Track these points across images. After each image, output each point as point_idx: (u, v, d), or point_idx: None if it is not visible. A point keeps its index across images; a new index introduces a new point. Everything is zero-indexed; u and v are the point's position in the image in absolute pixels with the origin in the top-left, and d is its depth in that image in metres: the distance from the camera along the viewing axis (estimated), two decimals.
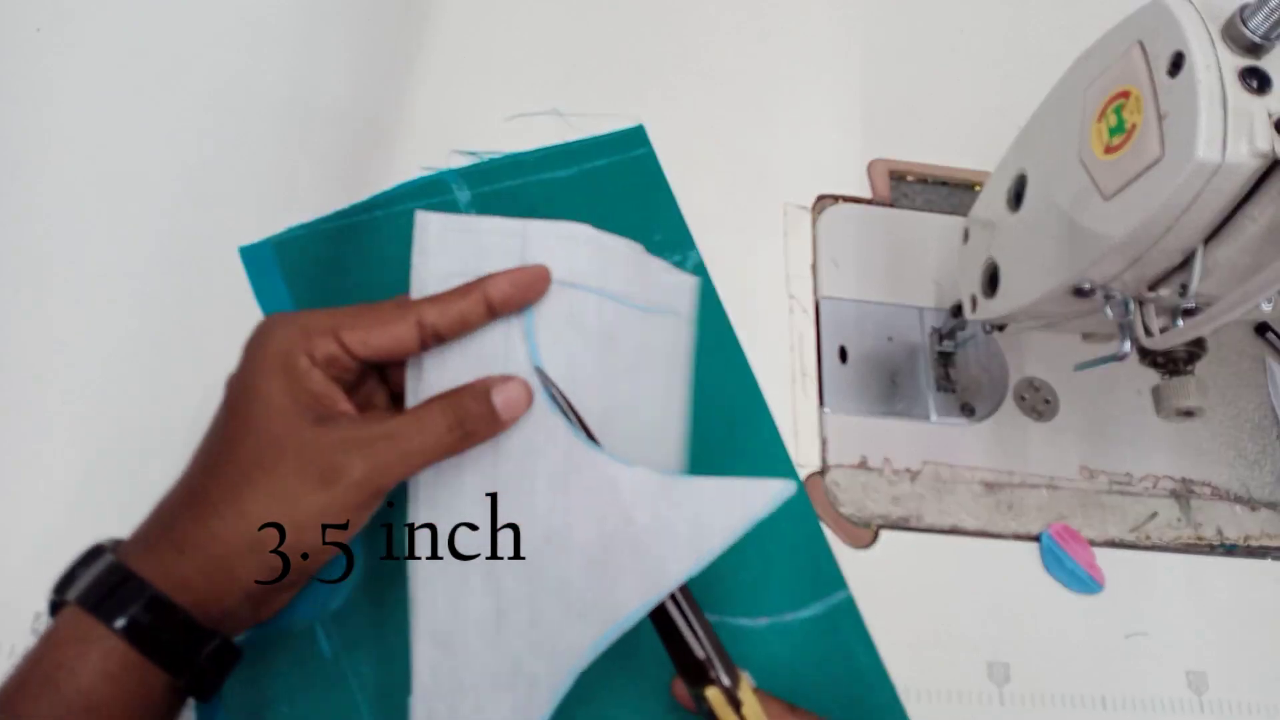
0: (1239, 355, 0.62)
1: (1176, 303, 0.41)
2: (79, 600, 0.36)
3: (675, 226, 0.59)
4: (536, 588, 0.41)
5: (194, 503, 0.38)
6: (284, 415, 0.38)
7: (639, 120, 0.62)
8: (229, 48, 0.60)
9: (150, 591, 0.36)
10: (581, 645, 0.40)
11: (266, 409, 0.38)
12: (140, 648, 0.35)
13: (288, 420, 0.38)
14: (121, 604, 0.35)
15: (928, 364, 0.59)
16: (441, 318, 0.40)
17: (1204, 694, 0.52)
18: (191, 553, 0.36)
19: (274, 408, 0.38)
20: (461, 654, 0.41)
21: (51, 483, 0.48)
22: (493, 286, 0.41)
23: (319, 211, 0.55)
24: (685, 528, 0.41)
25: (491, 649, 0.41)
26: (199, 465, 0.39)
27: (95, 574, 0.36)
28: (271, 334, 0.39)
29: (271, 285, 0.53)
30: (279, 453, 0.37)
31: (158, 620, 0.35)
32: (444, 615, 0.41)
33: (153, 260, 0.53)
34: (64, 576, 0.37)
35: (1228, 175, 0.35)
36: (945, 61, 0.70)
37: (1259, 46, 0.36)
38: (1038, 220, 0.46)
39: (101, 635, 0.35)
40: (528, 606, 0.41)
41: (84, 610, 0.35)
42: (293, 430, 0.37)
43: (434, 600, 0.41)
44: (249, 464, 0.37)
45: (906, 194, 0.65)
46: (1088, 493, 0.56)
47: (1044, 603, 0.53)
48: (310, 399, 0.38)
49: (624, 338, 0.45)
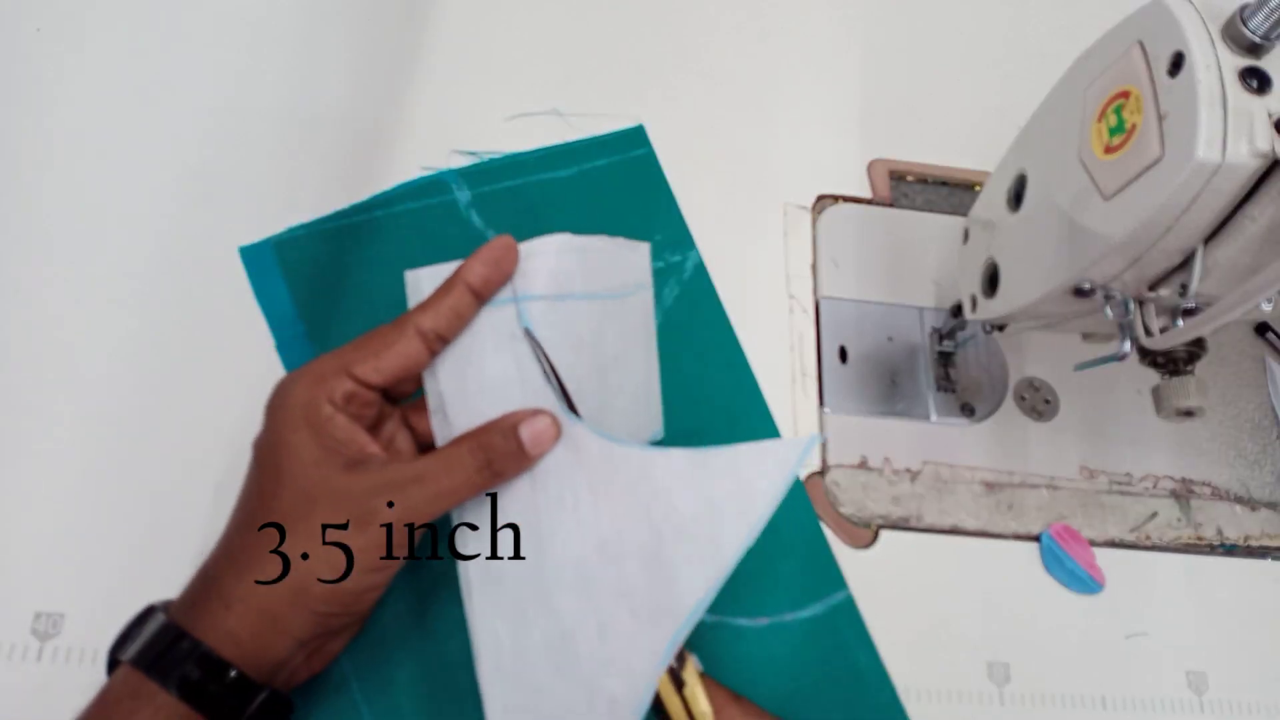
0: (1239, 355, 0.62)
1: (1176, 303, 0.41)
2: (133, 660, 0.37)
3: (675, 226, 0.59)
4: (598, 601, 0.40)
5: (235, 559, 0.39)
6: (315, 465, 0.38)
7: (639, 120, 0.62)
8: (229, 48, 0.60)
9: (201, 649, 0.37)
10: (657, 650, 0.40)
11: (297, 462, 0.39)
12: (191, 702, 0.36)
13: (319, 470, 0.38)
14: (174, 663, 0.36)
15: (928, 364, 0.59)
16: (437, 319, 0.41)
17: (1204, 694, 0.52)
18: (238, 608, 0.37)
19: (304, 460, 0.38)
20: (533, 687, 0.40)
21: (51, 483, 0.48)
22: (469, 273, 0.41)
23: (319, 212, 0.55)
24: (730, 501, 0.40)
25: (563, 675, 0.40)
26: (236, 524, 0.40)
27: (149, 634, 0.37)
28: (290, 390, 0.40)
29: (272, 285, 0.53)
30: (312, 502, 0.38)
31: (207, 676, 0.36)
32: (508, 650, 0.40)
33: (153, 260, 0.53)
34: (120, 637, 0.38)
35: (1228, 175, 0.35)
36: (945, 61, 0.70)
37: (1259, 46, 0.36)
38: (1038, 220, 0.46)
39: (153, 692, 0.36)
40: (593, 621, 0.40)
41: (137, 670, 0.37)
42: (324, 479, 0.38)
43: (495, 637, 0.41)
44: (284, 516, 0.38)
45: (906, 194, 0.65)
46: (1088, 493, 0.56)
47: (1044, 603, 0.53)
48: (337, 445, 0.39)
49: (610, 330, 0.45)
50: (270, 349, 0.52)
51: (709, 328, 0.57)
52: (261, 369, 0.51)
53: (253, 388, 0.50)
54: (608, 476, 0.41)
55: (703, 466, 0.41)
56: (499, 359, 0.42)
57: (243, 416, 0.49)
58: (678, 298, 0.57)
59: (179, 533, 0.47)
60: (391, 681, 0.46)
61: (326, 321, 0.53)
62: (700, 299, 0.58)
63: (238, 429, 0.49)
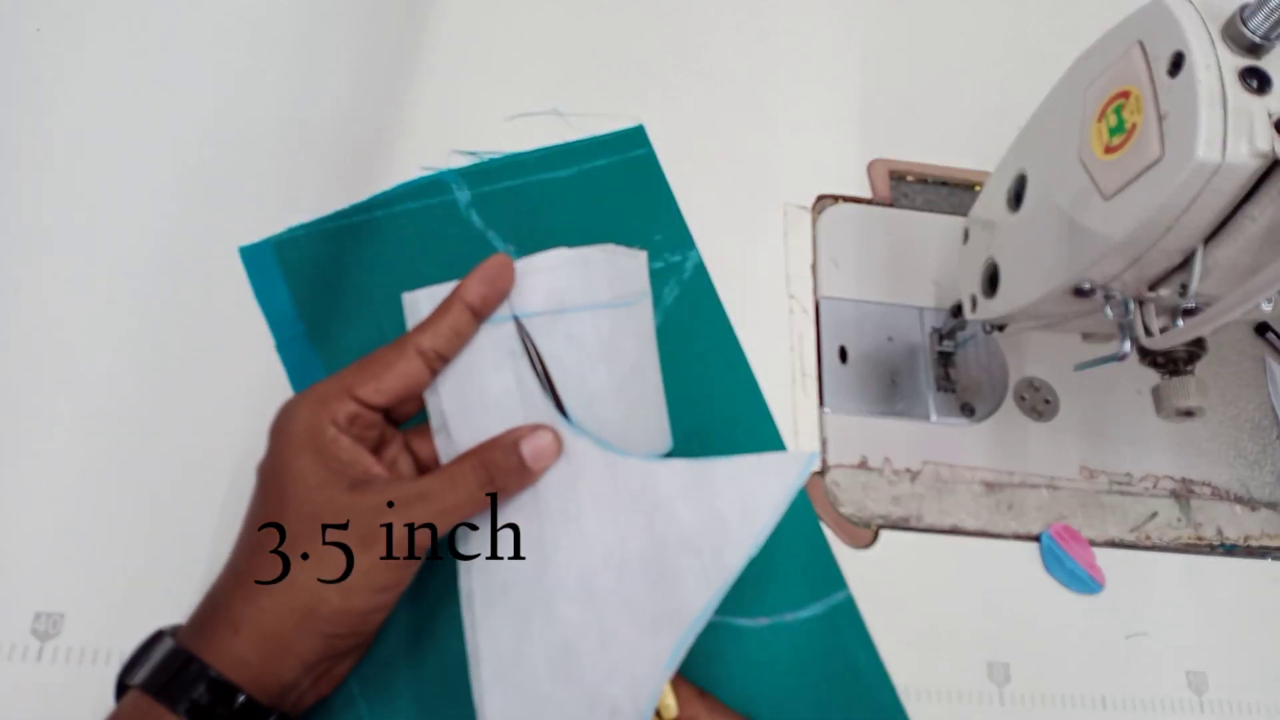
0: (1239, 355, 0.62)
1: (1176, 303, 0.41)
2: (142, 686, 0.37)
3: (675, 226, 0.59)
4: (602, 611, 0.41)
5: (242, 583, 0.39)
6: (319, 488, 0.39)
7: (639, 120, 0.62)
8: (229, 48, 0.60)
9: (210, 673, 0.37)
10: (660, 658, 0.40)
11: (302, 485, 0.39)
12: None
13: (323, 491, 0.39)
14: (184, 687, 0.36)
15: (928, 364, 0.59)
16: (436, 339, 0.41)
17: (1204, 694, 0.52)
18: (246, 631, 0.38)
19: (309, 482, 0.39)
20: (534, 697, 0.40)
21: (51, 483, 0.48)
22: (466, 291, 0.42)
23: (319, 212, 0.55)
24: (733, 513, 0.41)
25: (565, 685, 0.40)
26: (243, 549, 0.40)
27: (159, 659, 0.38)
28: (294, 414, 0.40)
29: (271, 285, 0.53)
30: (317, 523, 0.38)
31: (216, 699, 0.37)
32: (509, 660, 0.41)
33: (153, 260, 0.53)
34: (129, 662, 0.38)
35: (1227, 175, 0.35)
36: (945, 61, 0.70)
37: (1259, 46, 0.36)
38: (1038, 220, 0.46)
39: (161, 717, 0.36)
40: (596, 631, 0.40)
41: (146, 695, 0.37)
42: (329, 500, 0.39)
43: (497, 647, 0.41)
44: (293, 537, 0.38)
45: (906, 194, 0.65)
46: (1088, 493, 0.56)
47: (1044, 603, 0.53)
48: (341, 467, 0.39)
49: (623, 339, 0.45)
50: (271, 349, 0.52)
51: (709, 328, 0.57)
52: (262, 369, 0.51)
53: (253, 388, 0.51)
54: (610, 488, 0.42)
55: (706, 478, 0.41)
56: (500, 376, 0.43)
57: (243, 417, 0.49)
58: (678, 298, 0.57)
59: (179, 533, 0.47)
60: (397, 698, 0.45)
61: (326, 322, 0.53)
62: (700, 299, 0.57)
63: (238, 429, 0.49)
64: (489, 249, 0.56)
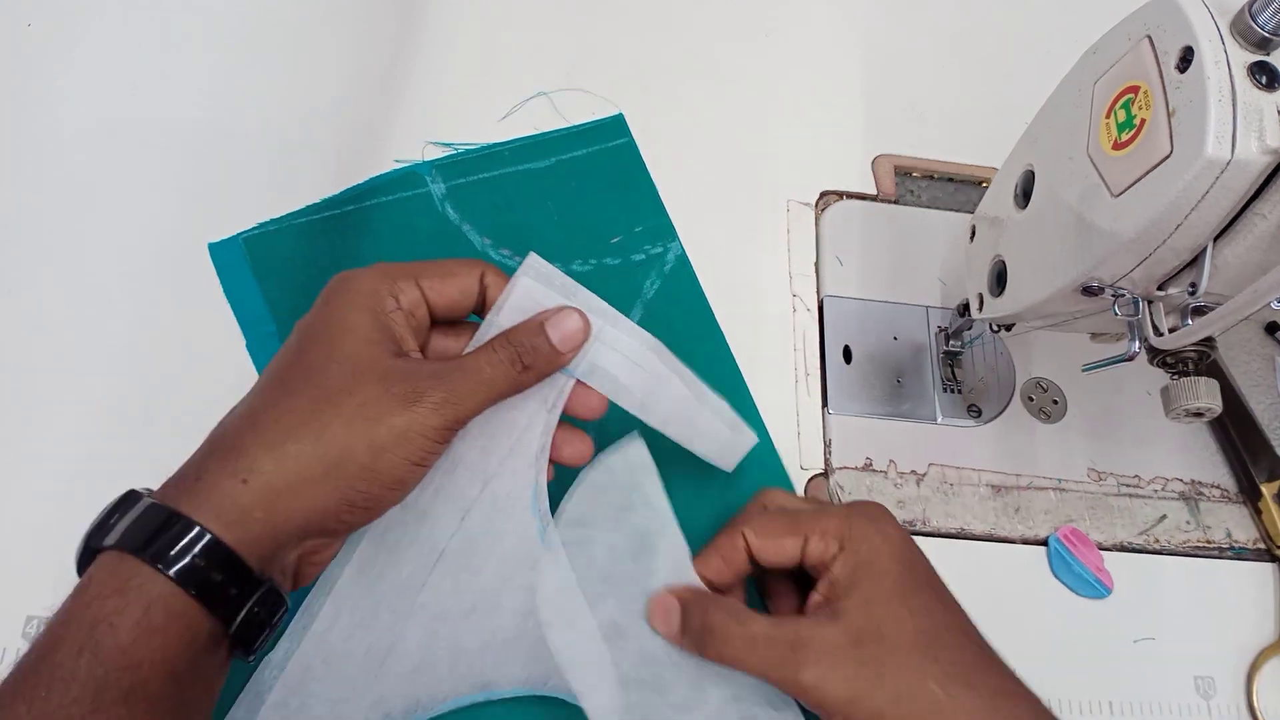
0: (1249, 355, 0.61)
1: (1186, 302, 0.40)
2: (120, 544, 0.34)
3: (656, 216, 0.58)
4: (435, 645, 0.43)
5: (264, 430, 0.37)
6: (370, 345, 0.39)
7: (641, 118, 0.62)
8: (222, 49, 0.60)
9: (201, 529, 0.34)
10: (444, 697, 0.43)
11: (352, 339, 0.39)
12: (191, 590, 0.33)
13: (372, 349, 0.39)
14: (170, 544, 0.33)
15: (934, 364, 0.58)
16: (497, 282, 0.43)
17: (1212, 699, 0.51)
18: (255, 481, 0.35)
19: (360, 337, 0.39)
20: (337, 671, 0.41)
21: (43, 486, 0.47)
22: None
23: (294, 207, 0.55)
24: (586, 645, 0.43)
25: (365, 677, 0.42)
26: (267, 397, 0.38)
27: (135, 517, 0.34)
28: (356, 277, 0.41)
29: (242, 282, 0.53)
30: (362, 376, 0.38)
31: (210, 559, 0.34)
32: (340, 633, 0.42)
33: (148, 258, 0.53)
34: (96, 524, 0.35)
35: (1237, 172, 0.35)
36: (951, 55, 0.69)
37: (1268, 41, 0.35)
38: (1046, 217, 0.45)
39: (144, 583, 0.33)
40: (418, 657, 0.42)
41: (127, 554, 0.33)
42: (377, 358, 0.39)
43: (338, 616, 0.42)
44: (332, 388, 0.38)
45: (912, 190, 0.64)
46: (1096, 495, 0.56)
47: (1051, 607, 0.52)
48: (391, 337, 0.40)
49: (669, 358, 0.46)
50: None
51: (692, 320, 0.56)
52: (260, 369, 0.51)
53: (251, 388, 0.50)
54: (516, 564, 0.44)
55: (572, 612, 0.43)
56: None
57: None
58: (659, 290, 0.56)
59: None
60: None
61: None
62: (682, 291, 0.57)
63: None
64: (465, 242, 0.56)
